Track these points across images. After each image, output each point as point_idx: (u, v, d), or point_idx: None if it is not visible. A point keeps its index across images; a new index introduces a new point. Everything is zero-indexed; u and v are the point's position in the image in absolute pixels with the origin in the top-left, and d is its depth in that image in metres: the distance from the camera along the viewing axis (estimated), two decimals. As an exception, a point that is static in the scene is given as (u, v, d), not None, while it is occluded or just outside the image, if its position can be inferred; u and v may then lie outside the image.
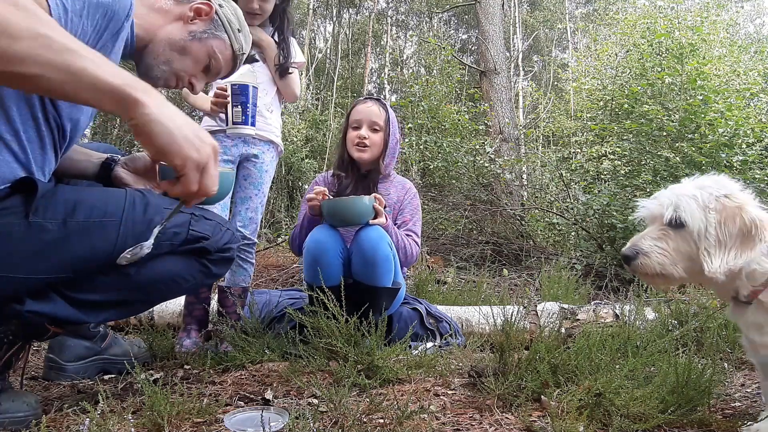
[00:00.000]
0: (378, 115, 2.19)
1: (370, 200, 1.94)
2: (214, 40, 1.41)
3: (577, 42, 17.51)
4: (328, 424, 1.23)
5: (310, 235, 1.99)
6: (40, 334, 1.31)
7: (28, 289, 1.17)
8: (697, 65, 5.70)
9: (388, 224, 2.01)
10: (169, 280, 1.32)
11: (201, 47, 1.39)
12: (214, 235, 1.34)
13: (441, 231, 5.70)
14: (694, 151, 4.47)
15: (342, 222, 1.97)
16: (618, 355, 1.62)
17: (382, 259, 1.91)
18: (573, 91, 12.93)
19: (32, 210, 1.10)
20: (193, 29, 1.38)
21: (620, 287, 3.69)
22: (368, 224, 1.95)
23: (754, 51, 10.51)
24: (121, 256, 1.18)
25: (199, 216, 1.34)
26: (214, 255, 1.36)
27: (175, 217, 1.23)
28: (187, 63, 1.38)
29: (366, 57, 16.35)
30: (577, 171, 6.40)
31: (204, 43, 1.39)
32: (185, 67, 1.38)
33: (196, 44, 1.38)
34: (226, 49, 1.44)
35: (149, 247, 1.18)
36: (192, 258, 1.33)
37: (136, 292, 1.30)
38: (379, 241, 1.91)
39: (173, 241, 1.28)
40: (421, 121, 7.52)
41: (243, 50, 1.49)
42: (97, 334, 1.78)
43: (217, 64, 1.43)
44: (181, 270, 1.33)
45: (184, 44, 1.36)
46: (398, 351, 1.70)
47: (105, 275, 1.24)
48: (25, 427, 1.23)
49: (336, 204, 1.95)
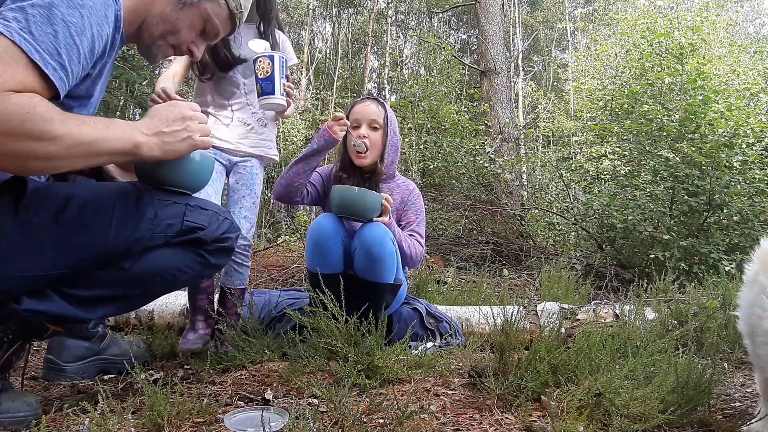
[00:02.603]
0: (377, 114, 2.19)
1: (379, 197, 1.95)
2: (206, 2, 1.33)
3: (577, 42, 17.51)
4: (328, 424, 1.23)
5: (314, 221, 2.00)
6: (40, 333, 1.31)
7: (24, 287, 1.17)
8: (697, 65, 5.70)
9: (391, 223, 2.01)
10: (166, 273, 1.31)
11: (193, 13, 1.33)
12: (210, 225, 1.33)
13: (441, 231, 5.70)
14: (694, 151, 4.47)
15: (349, 211, 1.95)
16: (618, 355, 1.62)
17: (387, 255, 1.91)
18: (573, 91, 12.95)
19: (23, 207, 1.11)
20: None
21: (620, 287, 3.69)
22: (372, 221, 1.95)
23: (753, 51, 10.50)
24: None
25: (194, 206, 1.33)
26: (211, 245, 1.34)
27: (169, 208, 1.28)
28: (183, 32, 1.34)
29: (366, 57, 16.35)
30: (577, 171, 6.40)
31: (196, 7, 1.32)
32: (181, 37, 1.35)
33: (187, 11, 1.32)
34: (221, 9, 1.37)
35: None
36: (188, 249, 1.32)
37: (134, 286, 1.29)
38: (384, 237, 1.91)
39: (167, 232, 1.27)
40: (421, 121, 7.52)
41: (241, 7, 1.42)
42: (96, 334, 1.78)
43: (213, 28, 1.38)
44: (177, 262, 1.31)
45: (176, 15, 1.31)
46: (398, 351, 1.70)
47: (101, 270, 1.24)
48: (25, 427, 1.23)
49: (348, 192, 1.93)
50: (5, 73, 0.93)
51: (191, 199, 1.35)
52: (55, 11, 0.99)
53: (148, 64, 7.68)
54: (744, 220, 4.45)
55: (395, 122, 2.26)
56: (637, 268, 4.37)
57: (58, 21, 0.99)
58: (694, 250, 4.22)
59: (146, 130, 1.17)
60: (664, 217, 4.54)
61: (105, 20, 1.09)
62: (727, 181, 4.27)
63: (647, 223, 4.48)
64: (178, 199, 1.32)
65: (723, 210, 4.42)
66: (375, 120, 2.19)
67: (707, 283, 2.87)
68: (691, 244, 4.19)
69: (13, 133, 0.94)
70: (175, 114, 1.23)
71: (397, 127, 2.29)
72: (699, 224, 4.45)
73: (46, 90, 1.00)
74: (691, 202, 4.41)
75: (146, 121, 1.20)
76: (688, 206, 4.46)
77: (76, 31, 1.02)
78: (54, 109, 0.99)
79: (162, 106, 1.24)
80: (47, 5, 0.98)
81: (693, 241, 4.24)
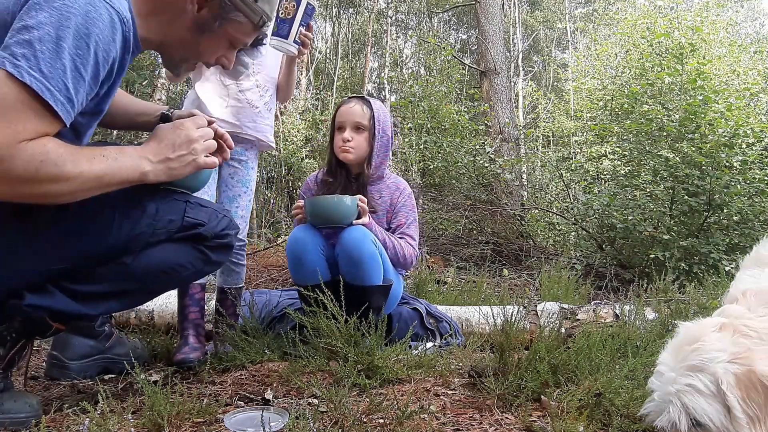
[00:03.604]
0: (361, 115, 2.14)
1: (353, 200, 1.93)
2: (228, 25, 1.26)
3: (577, 42, 17.51)
4: (328, 424, 1.23)
5: (291, 234, 2.00)
6: (43, 331, 1.31)
7: (26, 282, 1.18)
8: (697, 65, 5.70)
9: (370, 223, 2.00)
10: (168, 268, 1.32)
11: (216, 37, 1.28)
12: (210, 222, 1.35)
13: (441, 231, 5.71)
14: (694, 151, 4.47)
15: (324, 221, 1.96)
16: (618, 355, 1.62)
17: (367, 257, 1.90)
18: (573, 91, 12.94)
19: (23, 204, 1.11)
20: (202, 22, 1.24)
21: (620, 287, 3.69)
22: (351, 225, 1.94)
23: (754, 51, 10.51)
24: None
25: (194, 203, 1.35)
26: (211, 241, 1.36)
27: (170, 204, 1.29)
28: (206, 55, 1.32)
29: (366, 57, 16.35)
30: (577, 171, 6.41)
31: (218, 32, 1.27)
32: (206, 57, 1.33)
33: (209, 37, 1.27)
34: (244, 26, 1.29)
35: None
36: (189, 245, 1.34)
37: (135, 281, 1.30)
38: (362, 240, 1.90)
39: (168, 228, 1.29)
40: (421, 121, 7.52)
41: (267, 18, 1.32)
42: (102, 333, 1.78)
43: (239, 43, 1.34)
44: (178, 257, 1.33)
45: (197, 40, 1.27)
46: (398, 351, 1.70)
47: (103, 266, 1.25)
48: (26, 428, 1.23)
49: (317, 203, 1.94)
50: (19, 123, 0.97)
51: (191, 196, 1.37)
52: (63, 44, 0.99)
53: (147, 64, 7.69)
54: (744, 220, 4.46)
55: (385, 121, 2.19)
56: (637, 268, 4.37)
57: (65, 55, 1.00)
58: (694, 250, 4.22)
59: (153, 157, 1.19)
60: (664, 217, 4.54)
61: (112, 44, 1.08)
62: (727, 181, 4.27)
63: (647, 223, 4.48)
64: (178, 197, 1.34)
65: (723, 210, 4.42)
66: (359, 122, 2.13)
67: (707, 283, 2.87)
68: (691, 244, 4.19)
69: (29, 180, 1.00)
70: (182, 138, 1.24)
71: (389, 126, 2.22)
72: (699, 224, 4.45)
73: (55, 124, 1.03)
74: (691, 202, 4.41)
75: (153, 146, 1.22)
76: (688, 206, 4.46)
77: (82, 63, 1.03)
78: (66, 152, 1.04)
79: (169, 129, 1.25)
80: (55, 40, 0.99)
81: (693, 241, 4.24)
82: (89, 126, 1.21)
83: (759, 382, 0.96)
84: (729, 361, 0.99)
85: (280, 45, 1.92)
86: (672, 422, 1.01)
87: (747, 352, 1.00)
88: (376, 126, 2.15)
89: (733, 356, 0.99)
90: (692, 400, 0.99)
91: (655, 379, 1.07)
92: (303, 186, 2.31)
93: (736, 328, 1.04)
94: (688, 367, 1.01)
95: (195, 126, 1.28)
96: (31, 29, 0.98)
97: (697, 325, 1.08)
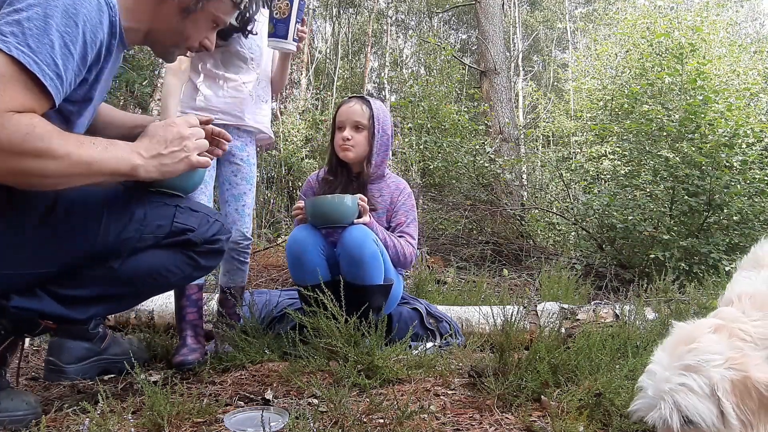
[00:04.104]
0: (361, 114, 2.16)
1: (353, 200, 1.93)
2: (209, 4, 1.31)
3: (577, 42, 17.50)
4: (328, 424, 1.23)
5: (291, 234, 2.00)
6: (32, 329, 1.31)
7: (13, 285, 1.18)
8: (697, 65, 5.69)
9: (371, 223, 2.00)
10: (156, 273, 1.32)
11: (199, 18, 1.32)
12: (200, 227, 1.34)
13: (441, 231, 5.70)
14: (694, 151, 4.47)
15: (325, 221, 1.95)
16: (618, 355, 1.62)
17: (369, 257, 1.90)
18: (573, 91, 12.94)
19: (11, 206, 1.11)
20: (186, 4, 1.28)
21: (620, 287, 3.69)
22: (352, 224, 1.94)
23: (754, 51, 10.51)
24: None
25: (184, 208, 1.34)
26: (201, 247, 1.35)
27: (159, 209, 1.28)
28: (193, 37, 1.34)
29: (366, 57, 16.35)
30: (577, 171, 6.41)
31: (201, 13, 1.31)
32: (193, 41, 1.35)
33: (193, 17, 1.30)
34: (224, 4, 1.34)
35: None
36: (178, 251, 1.33)
37: (123, 286, 1.30)
38: (364, 240, 1.90)
39: (157, 233, 1.29)
40: (421, 121, 7.51)
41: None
42: (97, 335, 1.78)
43: (221, 22, 1.38)
44: (166, 262, 1.33)
45: (183, 24, 1.30)
46: (398, 351, 1.70)
47: (90, 270, 1.25)
48: (25, 426, 1.23)
49: (318, 203, 1.94)
50: (6, 93, 0.97)
51: (182, 200, 1.36)
52: (51, 22, 1.01)
53: (148, 64, 7.69)
54: (744, 220, 4.46)
55: (385, 121, 2.21)
56: (637, 268, 4.37)
57: (53, 31, 1.01)
58: (694, 250, 4.22)
59: (145, 152, 1.19)
60: (664, 217, 4.54)
61: (99, 26, 1.10)
62: (727, 181, 4.27)
63: (647, 223, 4.48)
64: (168, 201, 1.33)
65: (723, 210, 4.42)
66: (359, 121, 2.15)
67: (707, 283, 2.87)
68: (691, 244, 4.19)
69: (13, 151, 0.98)
70: (173, 134, 1.24)
71: (390, 125, 2.24)
72: (699, 224, 4.45)
73: (43, 101, 1.02)
74: (691, 202, 4.41)
75: (145, 142, 1.21)
76: (688, 206, 4.46)
77: (71, 40, 1.04)
78: (54, 130, 1.03)
79: (161, 126, 1.25)
80: (42, 17, 1.00)
81: (693, 241, 4.24)
82: (80, 114, 1.20)
83: (754, 388, 0.96)
84: (725, 367, 0.98)
85: (280, 46, 1.94)
86: (663, 419, 1.01)
87: (743, 357, 1.00)
88: (376, 125, 2.16)
89: (729, 361, 0.99)
90: (685, 399, 0.99)
91: (646, 377, 1.07)
92: (304, 185, 2.32)
93: (731, 332, 1.05)
94: (682, 367, 1.01)
95: (187, 124, 1.28)
96: (20, 11, 1.00)
97: (692, 326, 1.09)
